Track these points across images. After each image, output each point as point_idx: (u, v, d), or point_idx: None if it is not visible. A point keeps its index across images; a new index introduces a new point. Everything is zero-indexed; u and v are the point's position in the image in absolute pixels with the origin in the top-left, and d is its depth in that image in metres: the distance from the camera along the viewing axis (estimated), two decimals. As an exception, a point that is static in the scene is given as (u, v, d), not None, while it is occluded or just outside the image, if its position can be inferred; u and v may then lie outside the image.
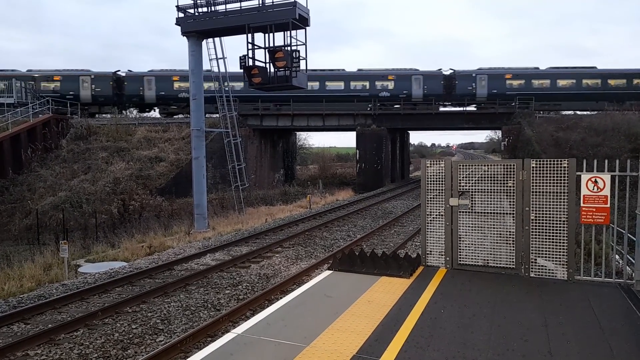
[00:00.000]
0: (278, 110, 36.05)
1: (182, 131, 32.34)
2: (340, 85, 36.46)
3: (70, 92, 36.61)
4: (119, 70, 37.80)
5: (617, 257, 8.14)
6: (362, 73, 36.92)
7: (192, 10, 19.05)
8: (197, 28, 18.95)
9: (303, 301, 5.90)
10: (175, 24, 19.17)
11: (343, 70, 37.42)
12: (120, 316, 8.55)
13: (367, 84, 36.28)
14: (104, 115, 37.63)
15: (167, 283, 10.22)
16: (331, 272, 7.20)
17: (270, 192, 32.41)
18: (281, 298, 6.30)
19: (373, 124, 35.98)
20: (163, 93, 36.84)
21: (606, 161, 6.29)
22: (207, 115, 23.42)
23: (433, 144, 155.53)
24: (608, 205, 6.20)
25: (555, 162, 6.46)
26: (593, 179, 6.24)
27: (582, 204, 6.30)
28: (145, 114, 38.57)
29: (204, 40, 20.06)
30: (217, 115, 26.04)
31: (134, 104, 37.98)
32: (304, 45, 17.39)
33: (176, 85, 36.67)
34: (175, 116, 36.93)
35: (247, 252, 13.21)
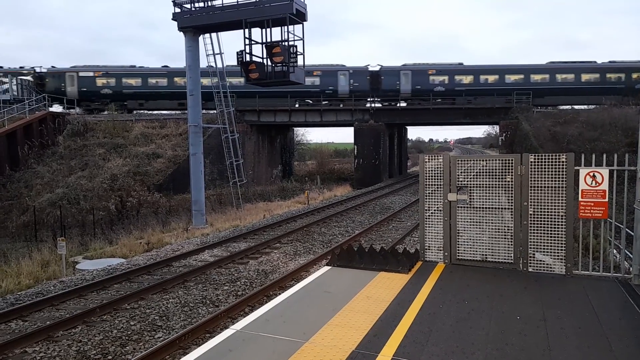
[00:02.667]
0: (274, 106, 35.96)
1: (179, 127, 32.25)
2: None
3: None
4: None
5: (614, 251, 8.16)
6: None
7: (188, 6, 18.93)
8: (193, 23, 18.84)
9: (302, 297, 5.89)
10: (172, 19, 19.05)
11: None
12: (118, 313, 8.54)
13: None
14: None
15: (165, 279, 10.21)
16: (330, 267, 7.19)
17: (268, 188, 32.39)
18: (280, 294, 6.30)
19: (371, 120, 35.94)
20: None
21: (604, 155, 6.28)
22: (204, 111, 23.36)
23: (431, 139, 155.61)
24: (606, 199, 6.20)
25: (554, 157, 6.45)
26: (591, 174, 6.24)
27: (580, 199, 6.30)
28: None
29: (201, 35, 19.96)
30: (215, 111, 25.95)
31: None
32: (302, 41, 17.32)
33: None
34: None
35: (246, 248, 13.20)
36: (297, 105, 36.27)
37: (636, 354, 4.20)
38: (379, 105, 36.37)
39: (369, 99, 36.81)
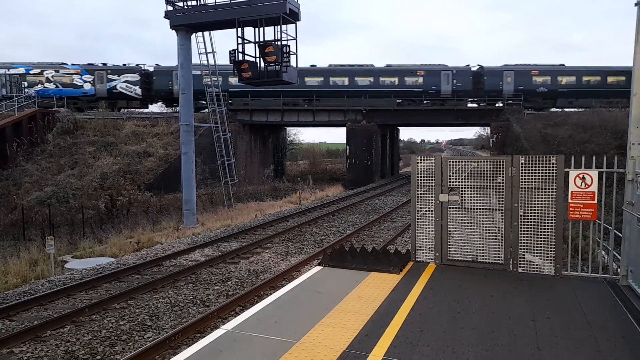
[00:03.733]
0: (267, 105, 35.92)
1: (170, 126, 32.08)
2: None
3: None
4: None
5: (603, 252, 8.24)
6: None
7: (181, 4, 18.83)
8: (186, 22, 18.75)
9: (293, 297, 5.88)
10: (164, 17, 18.94)
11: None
12: (107, 312, 8.46)
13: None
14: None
15: (155, 279, 10.14)
16: (321, 267, 7.19)
17: (260, 188, 32.32)
18: (271, 294, 6.27)
19: (363, 120, 36.01)
20: None
21: (594, 158, 6.34)
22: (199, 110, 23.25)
23: (423, 140, 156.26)
24: (595, 201, 6.26)
25: (544, 159, 6.50)
26: (581, 176, 6.30)
27: (570, 200, 6.36)
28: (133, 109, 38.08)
29: (193, 34, 19.86)
30: (207, 110, 25.84)
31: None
32: (295, 40, 17.31)
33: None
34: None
35: (237, 248, 13.15)
36: (283, 107, 36.23)
37: (624, 355, 4.24)
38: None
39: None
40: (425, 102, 36.46)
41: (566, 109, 35.77)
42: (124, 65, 36.96)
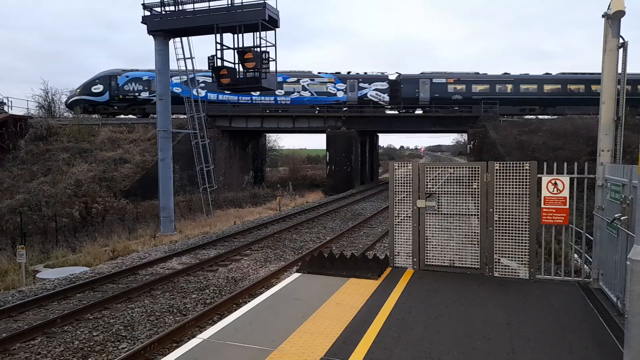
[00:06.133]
0: (247, 111, 35.83)
1: (148, 132, 31.59)
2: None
3: None
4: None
5: (575, 256, 8.44)
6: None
7: (159, 9, 18.64)
8: (163, 27, 18.55)
9: (271, 304, 5.83)
10: (142, 22, 18.70)
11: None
12: (80, 323, 8.23)
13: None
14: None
15: (130, 288, 9.92)
16: (300, 274, 7.16)
17: (239, 194, 32.05)
18: (249, 301, 6.21)
19: (343, 127, 36.18)
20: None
21: (565, 164, 6.52)
22: (174, 116, 22.99)
23: (402, 147, 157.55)
24: (567, 206, 6.42)
25: (518, 165, 6.65)
26: (553, 181, 6.45)
27: (542, 205, 6.50)
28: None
29: (171, 39, 19.67)
30: (185, 116, 25.58)
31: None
32: (274, 47, 17.32)
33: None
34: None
35: (215, 256, 12.99)
36: (263, 113, 36.20)
37: (594, 356, 4.34)
38: (351, 113, 36.61)
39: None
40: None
41: (540, 116, 36.65)
42: (373, 73, 37.84)
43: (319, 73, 37.15)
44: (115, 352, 7.11)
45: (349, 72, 37.54)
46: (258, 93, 35.55)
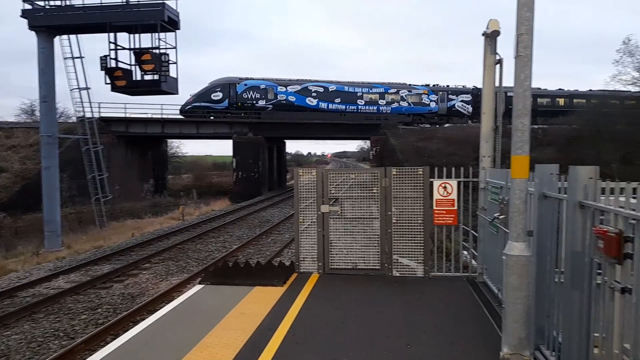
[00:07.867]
0: (149, 117, 33.97)
1: (29, 137, 28.46)
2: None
3: None
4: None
5: (465, 253, 9.20)
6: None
7: (42, 3, 16.93)
8: (48, 23, 16.88)
9: (171, 319, 5.52)
10: (21, 16, 16.83)
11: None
12: (-60, 359, 7.08)
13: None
14: None
15: (6, 313, 8.77)
16: (203, 285, 6.89)
17: (138, 204, 30.12)
18: (147, 318, 5.81)
19: (250, 133, 35.83)
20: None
21: (453, 169, 7.07)
22: (61, 120, 20.99)
23: (309, 153, 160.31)
24: (456, 207, 6.97)
25: (412, 170, 7.09)
26: (443, 185, 6.97)
27: (434, 207, 6.99)
28: None
29: (58, 36, 17.96)
30: (74, 119, 23.50)
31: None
32: (175, 49, 16.64)
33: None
34: None
35: (109, 271, 12.02)
36: (163, 117, 34.72)
37: (478, 342, 4.74)
38: (257, 119, 36.42)
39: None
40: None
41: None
42: (458, 86, 39.81)
43: (410, 85, 39.57)
44: (-14, 388, 6.22)
45: (435, 85, 39.89)
46: (363, 102, 37.88)
